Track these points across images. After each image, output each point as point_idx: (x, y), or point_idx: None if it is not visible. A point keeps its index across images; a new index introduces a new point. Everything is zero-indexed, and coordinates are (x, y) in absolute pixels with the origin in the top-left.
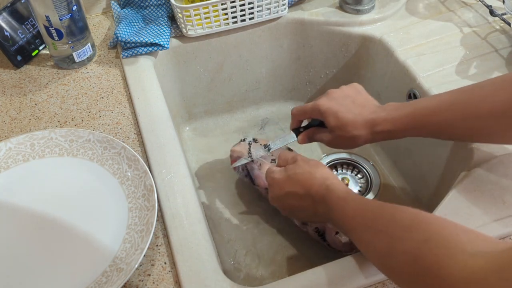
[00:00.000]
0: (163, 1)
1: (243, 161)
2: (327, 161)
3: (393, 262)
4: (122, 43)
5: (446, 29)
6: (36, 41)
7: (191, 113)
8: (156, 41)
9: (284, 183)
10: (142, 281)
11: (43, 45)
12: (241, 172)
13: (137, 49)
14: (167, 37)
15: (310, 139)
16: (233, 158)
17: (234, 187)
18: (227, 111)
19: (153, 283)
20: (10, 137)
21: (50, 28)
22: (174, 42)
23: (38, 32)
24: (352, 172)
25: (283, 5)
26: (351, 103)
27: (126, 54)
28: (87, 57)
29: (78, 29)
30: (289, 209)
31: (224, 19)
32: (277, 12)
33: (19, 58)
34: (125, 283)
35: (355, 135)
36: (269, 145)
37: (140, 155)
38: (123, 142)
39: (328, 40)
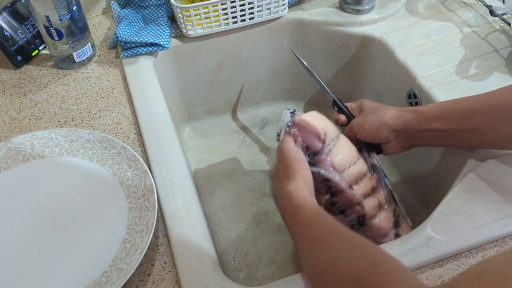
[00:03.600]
0: (163, 1)
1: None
2: None
3: (330, 279)
4: (122, 43)
5: (446, 29)
6: (36, 41)
7: (191, 113)
8: (156, 41)
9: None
10: (142, 281)
11: (43, 45)
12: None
13: (137, 49)
14: (167, 37)
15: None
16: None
17: (234, 187)
18: (227, 111)
19: (153, 283)
20: (10, 137)
21: (50, 28)
22: (174, 42)
23: (38, 32)
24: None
25: (283, 5)
26: None
27: (126, 54)
28: (87, 57)
29: (78, 29)
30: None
31: (224, 19)
32: (277, 12)
33: (19, 58)
34: (125, 283)
35: (384, 111)
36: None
37: (140, 155)
38: (123, 142)
39: (328, 40)
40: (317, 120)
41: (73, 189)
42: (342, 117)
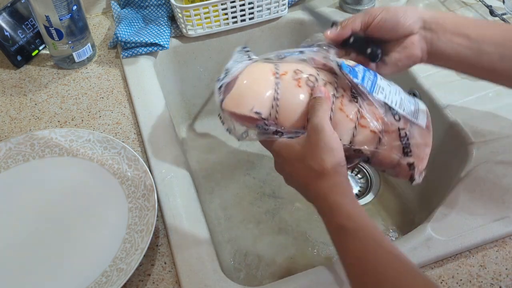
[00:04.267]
0: (163, 1)
1: None
2: None
3: None
4: (122, 43)
5: None
6: (36, 41)
7: (191, 113)
8: (156, 41)
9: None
10: (142, 281)
11: (43, 45)
12: None
13: (137, 49)
14: (167, 37)
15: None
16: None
17: (234, 187)
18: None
19: (153, 283)
20: (10, 137)
21: (50, 28)
22: (174, 42)
23: (38, 32)
24: (352, 172)
25: (283, 5)
26: None
27: (126, 54)
28: (87, 57)
29: (78, 29)
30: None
31: (224, 19)
32: (277, 12)
33: (19, 58)
34: (125, 283)
35: (414, 6)
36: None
37: (140, 155)
38: (123, 142)
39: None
40: (240, 103)
41: (73, 189)
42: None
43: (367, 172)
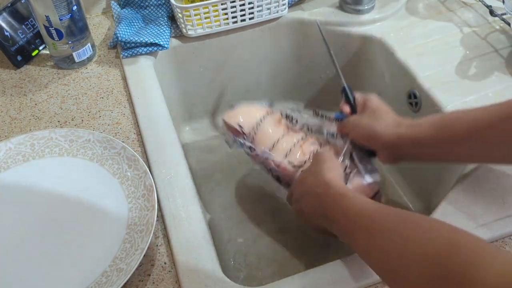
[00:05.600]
0: (163, 1)
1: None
2: None
3: (405, 265)
4: (122, 43)
5: (446, 29)
6: (36, 41)
7: (191, 113)
8: (156, 41)
9: (300, 185)
10: (142, 281)
11: (43, 45)
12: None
13: (137, 49)
14: (167, 37)
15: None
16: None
17: (234, 187)
18: (227, 111)
19: (153, 283)
20: (10, 137)
21: (50, 28)
22: (174, 42)
23: (38, 32)
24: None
25: (283, 5)
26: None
27: (126, 54)
28: (87, 57)
29: (78, 29)
30: (300, 209)
31: (224, 19)
32: (277, 12)
33: (19, 58)
34: (125, 283)
35: (377, 130)
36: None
37: (140, 155)
38: (123, 142)
39: (328, 40)
40: (233, 117)
41: (73, 189)
42: (346, 108)
43: None
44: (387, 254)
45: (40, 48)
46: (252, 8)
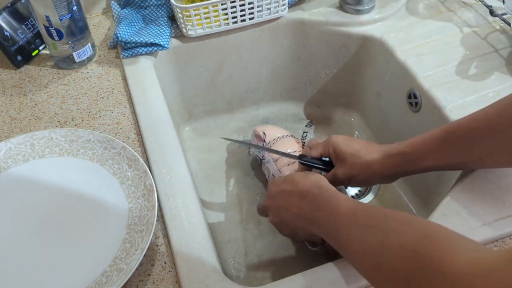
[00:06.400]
0: (163, 1)
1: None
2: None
3: (385, 258)
4: (122, 43)
5: (446, 29)
6: (36, 41)
7: (191, 113)
8: (156, 41)
9: (279, 183)
10: (142, 281)
11: (43, 45)
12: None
13: (137, 49)
14: (167, 37)
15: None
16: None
17: (234, 187)
18: (227, 111)
19: (153, 283)
20: (10, 137)
21: (50, 28)
22: (174, 42)
23: (38, 32)
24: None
25: (283, 5)
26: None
27: (126, 54)
28: (87, 57)
29: (78, 29)
30: (276, 209)
31: (224, 19)
32: (277, 12)
33: (19, 58)
34: (125, 283)
35: (368, 160)
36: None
37: (140, 155)
38: (123, 142)
39: (328, 40)
40: (261, 127)
41: (73, 189)
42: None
43: None
44: (368, 247)
45: (40, 48)
46: (252, 8)
